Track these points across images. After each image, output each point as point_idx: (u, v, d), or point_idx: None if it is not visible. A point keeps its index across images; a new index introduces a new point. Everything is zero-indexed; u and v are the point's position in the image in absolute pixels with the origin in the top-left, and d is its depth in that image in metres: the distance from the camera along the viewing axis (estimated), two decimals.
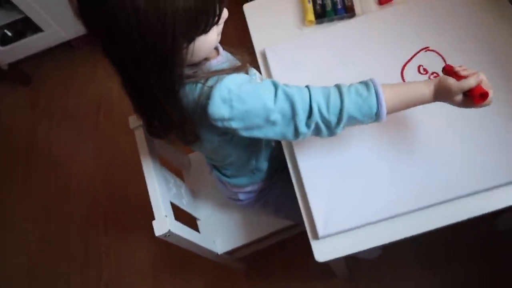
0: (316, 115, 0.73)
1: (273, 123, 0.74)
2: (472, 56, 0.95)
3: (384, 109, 0.74)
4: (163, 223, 0.89)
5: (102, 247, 1.86)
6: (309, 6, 1.10)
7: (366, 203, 0.85)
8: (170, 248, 1.11)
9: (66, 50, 2.36)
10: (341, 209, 0.85)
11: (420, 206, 0.83)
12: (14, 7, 1.97)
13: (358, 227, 0.84)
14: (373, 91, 0.74)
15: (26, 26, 2.14)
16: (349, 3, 1.08)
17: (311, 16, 1.09)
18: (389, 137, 0.90)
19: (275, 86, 0.74)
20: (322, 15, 1.09)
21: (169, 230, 0.89)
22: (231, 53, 0.91)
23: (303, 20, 1.10)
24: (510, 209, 0.88)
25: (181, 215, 1.05)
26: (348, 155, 0.91)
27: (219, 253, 1.16)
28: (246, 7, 1.17)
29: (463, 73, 0.75)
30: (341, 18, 1.09)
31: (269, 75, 1.05)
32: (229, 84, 0.72)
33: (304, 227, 0.87)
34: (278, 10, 1.15)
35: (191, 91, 0.74)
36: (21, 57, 2.26)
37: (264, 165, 1.03)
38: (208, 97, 0.71)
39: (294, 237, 1.30)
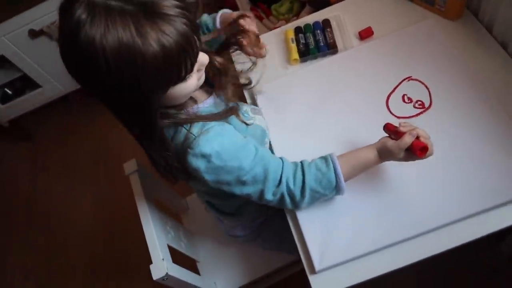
0: (283, 186, 0.80)
1: (243, 183, 0.79)
2: (452, 82, 0.97)
3: (342, 182, 0.81)
4: (161, 267, 0.89)
5: None
6: (293, 45, 1.14)
7: (360, 235, 0.85)
8: None
9: (64, 104, 2.42)
10: (336, 243, 0.85)
11: (414, 234, 0.82)
12: (13, 66, 2.04)
13: (354, 259, 0.83)
14: (331, 166, 0.80)
15: (25, 83, 2.21)
16: (331, 40, 1.12)
17: (295, 55, 1.13)
18: (377, 168, 0.90)
19: (256, 150, 0.79)
20: (306, 53, 1.12)
21: (167, 273, 0.88)
22: (220, 95, 0.91)
23: (288, 59, 1.14)
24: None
25: (180, 258, 1.05)
26: None
27: None
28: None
29: (402, 129, 0.80)
30: (325, 55, 1.12)
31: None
32: (212, 141, 0.74)
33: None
34: None
35: (177, 134, 0.77)
36: (21, 113, 2.32)
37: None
38: (190, 146, 0.74)
39: (297, 274, 1.28)
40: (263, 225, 1.11)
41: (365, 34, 1.11)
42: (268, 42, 1.17)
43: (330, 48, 1.11)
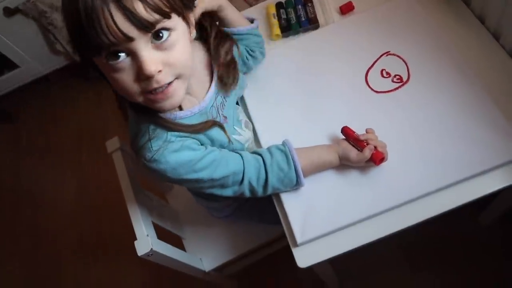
0: (245, 185, 0.82)
1: (201, 187, 0.81)
2: (430, 56, 0.98)
3: (302, 180, 0.85)
4: (145, 243, 0.90)
5: (93, 280, 1.84)
6: (275, 21, 1.14)
7: (340, 207, 0.86)
8: (160, 271, 1.10)
9: (45, 85, 2.37)
10: (317, 215, 0.87)
11: (394, 204, 0.84)
12: None
13: (335, 231, 0.85)
14: (292, 165, 0.83)
15: (2, 64, 2.15)
16: (312, 15, 1.12)
17: (277, 30, 1.12)
18: None
19: (214, 158, 0.77)
20: (287, 28, 1.12)
21: (151, 249, 0.89)
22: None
23: (270, 35, 1.14)
24: (491, 202, 0.90)
25: (166, 236, 1.06)
26: None
27: (206, 271, 1.16)
28: None
29: (361, 137, 0.86)
30: (306, 30, 1.12)
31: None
32: (168, 157, 0.72)
33: None
34: None
35: (140, 134, 0.75)
36: (0, 94, 2.27)
37: None
38: (145, 157, 0.72)
39: (283, 250, 1.30)
40: (241, 206, 1.12)
41: (346, 9, 1.12)
42: (249, 14, 1.17)
43: (312, 23, 1.11)
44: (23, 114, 2.45)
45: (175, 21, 0.64)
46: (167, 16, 0.61)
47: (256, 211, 1.12)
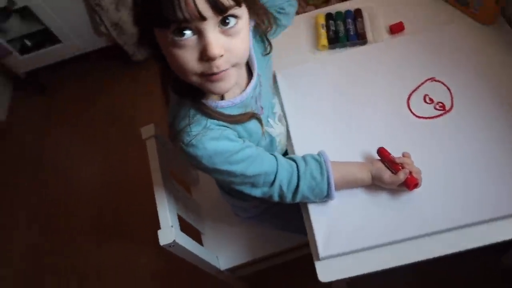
0: (275, 188, 0.82)
1: (232, 182, 0.81)
2: (476, 87, 0.97)
3: (333, 193, 0.84)
4: (169, 233, 0.91)
5: (103, 257, 1.87)
6: (323, 31, 1.14)
7: (367, 227, 0.86)
8: (171, 262, 1.11)
9: (82, 63, 2.42)
10: (342, 231, 0.86)
11: (421, 233, 0.83)
12: (36, 19, 2.04)
13: (358, 251, 0.84)
14: (325, 176, 0.83)
15: (45, 37, 2.20)
16: (362, 31, 1.11)
17: (324, 41, 1.12)
18: None
19: (250, 154, 0.78)
20: (335, 40, 1.12)
21: (174, 240, 0.90)
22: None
23: (316, 45, 1.14)
24: None
25: (186, 228, 1.07)
26: None
27: (221, 269, 1.17)
28: None
29: (396, 160, 0.85)
30: (353, 45, 1.12)
31: (278, 98, 1.07)
32: (207, 144, 0.73)
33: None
34: (291, 34, 1.17)
35: (180, 116, 0.76)
36: (39, 67, 2.32)
37: None
38: (184, 141, 0.73)
39: (298, 259, 1.30)
40: (268, 209, 1.12)
41: (396, 29, 1.11)
42: (297, 25, 1.18)
43: (360, 38, 1.11)
44: (58, 88, 2.50)
45: (243, 10, 0.65)
46: (239, 4, 0.63)
47: (281, 217, 1.12)
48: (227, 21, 0.63)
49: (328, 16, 1.17)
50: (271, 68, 0.99)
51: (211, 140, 0.73)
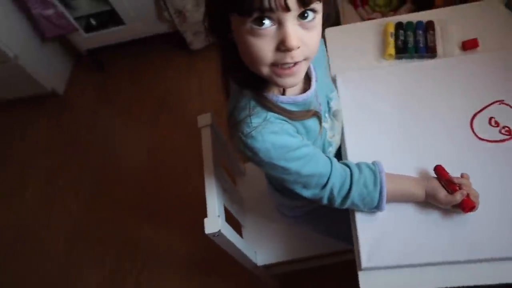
0: (326, 191, 0.81)
1: (283, 180, 0.80)
2: None
3: (383, 205, 0.83)
4: (215, 223, 0.92)
5: (142, 235, 1.92)
6: (391, 40, 1.11)
7: (413, 243, 0.83)
8: (207, 249, 1.11)
9: (141, 46, 2.49)
10: (388, 245, 0.84)
11: (470, 258, 0.80)
12: None
13: (402, 266, 0.82)
14: (378, 187, 0.81)
15: (110, 18, 2.29)
16: (432, 44, 1.08)
17: (391, 50, 1.10)
18: None
19: (307, 153, 0.77)
20: (402, 50, 1.09)
21: (219, 230, 0.91)
22: None
23: (383, 52, 1.12)
24: None
25: (227, 219, 1.07)
26: None
27: (258, 264, 1.17)
28: (329, 31, 1.19)
29: (455, 180, 0.82)
30: (421, 57, 1.09)
31: None
32: (266, 137, 0.72)
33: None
34: (359, 39, 1.17)
35: (239, 107, 0.76)
36: (100, 46, 2.41)
37: None
38: (243, 132, 0.73)
39: (333, 265, 1.29)
40: (314, 211, 1.11)
41: (469, 45, 1.07)
42: (366, 31, 1.16)
43: (429, 51, 1.08)
44: (115, 68, 2.59)
45: (320, 6, 0.66)
46: None
47: (326, 221, 1.11)
48: (305, 14, 0.64)
49: (398, 25, 1.14)
50: (325, 56, 0.99)
51: (271, 134, 0.73)
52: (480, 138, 0.93)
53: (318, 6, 0.65)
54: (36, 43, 2.37)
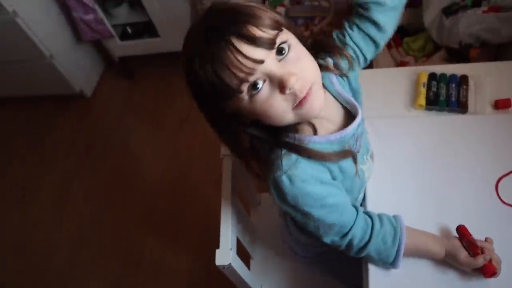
0: (346, 240, 0.80)
1: (305, 223, 0.79)
2: None
3: (399, 263, 0.82)
4: (226, 255, 0.91)
5: (147, 248, 1.92)
6: (423, 90, 1.11)
7: None
8: (209, 270, 1.09)
9: (172, 60, 2.50)
10: None
11: None
12: (143, 10, 2.16)
13: None
14: (397, 244, 0.80)
15: (145, 29, 2.33)
16: (464, 99, 1.07)
17: (422, 100, 1.09)
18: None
19: (333, 203, 0.77)
20: (433, 102, 1.08)
21: (230, 263, 0.90)
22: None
23: (413, 102, 1.11)
24: None
25: (237, 248, 1.07)
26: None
27: None
28: (362, 72, 1.18)
29: (478, 243, 0.80)
30: (452, 111, 1.08)
31: None
32: (294, 183, 0.73)
33: None
34: (390, 85, 1.16)
35: (274, 151, 0.77)
36: (132, 54, 2.45)
37: None
38: (274, 173, 0.74)
39: None
40: (326, 253, 1.10)
41: (502, 105, 1.05)
42: (399, 77, 1.15)
43: (460, 106, 1.07)
44: (143, 77, 2.63)
45: (286, 33, 0.68)
46: (279, 29, 0.66)
47: (338, 266, 1.09)
48: (282, 51, 0.66)
49: (432, 76, 1.13)
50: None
51: (301, 182, 0.73)
52: (504, 203, 0.91)
53: (284, 35, 0.66)
54: (72, 44, 2.42)
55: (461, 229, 0.85)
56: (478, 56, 1.42)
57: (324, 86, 0.78)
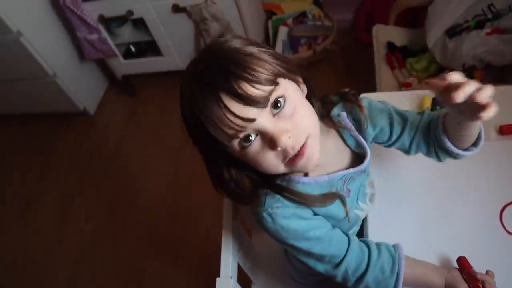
0: (340, 270, 0.78)
1: (295, 254, 0.79)
2: None
3: None
4: (227, 284, 0.90)
5: (147, 269, 1.90)
6: None
7: None
8: None
9: (175, 79, 2.51)
10: None
11: None
12: (146, 30, 2.18)
13: None
14: (395, 274, 0.77)
15: (149, 48, 2.35)
16: None
17: None
18: None
19: (319, 235, 0.76)
20: None
21: None
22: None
23: None
24: None
25: (238, 273, 1.05)
26: None
27: None
28: (363, 96, 1.18)
29: (478, 276, 0.78)
30: None
31: None
32: (276, 220, 0.73)
33: None
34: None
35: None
36: (135, 72, 2.46)
37: None
38: (258, 208, 0.74)
39: None
40: (325, 282, 1.08)
41: (507, 130, 1.04)
42: (401, 102, 1.14)
43: None
44: (146, 95, 2.64)
45: (284, 84, 0.65)
46: (274, 83, 0.62)
47: None
48: (278, 104, 0.63)
49: (436, 101, 1.12)
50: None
51: (282, 218, 0.73)
52: (509, 232, 0.90)
53: (281, 89, 0.63)
54: (75, 63, 2.44)
55: (461, 261, 0.83)
56: (482, 79, 1.42)
57: (334, 122, 0.79)
